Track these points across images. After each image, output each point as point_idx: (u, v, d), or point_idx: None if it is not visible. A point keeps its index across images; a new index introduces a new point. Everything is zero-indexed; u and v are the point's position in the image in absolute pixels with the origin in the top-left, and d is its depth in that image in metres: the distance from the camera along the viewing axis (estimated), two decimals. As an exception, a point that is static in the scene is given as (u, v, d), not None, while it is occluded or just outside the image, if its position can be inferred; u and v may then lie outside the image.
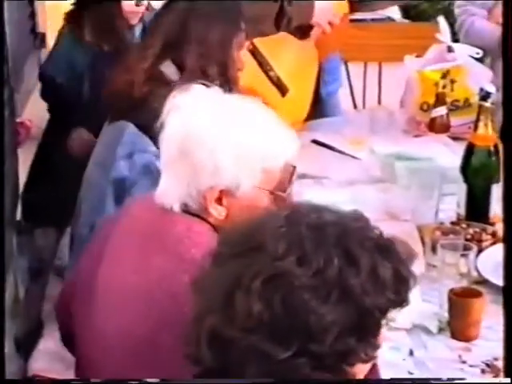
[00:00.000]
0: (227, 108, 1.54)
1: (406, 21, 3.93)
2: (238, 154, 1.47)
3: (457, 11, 2.93)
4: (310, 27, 2.66)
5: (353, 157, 2.54)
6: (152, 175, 1.92)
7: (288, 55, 2.65)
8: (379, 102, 3.53)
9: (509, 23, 1.58)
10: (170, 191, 1.50)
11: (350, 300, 1.07)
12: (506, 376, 1.33)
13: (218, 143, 1.47)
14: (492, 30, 2.81)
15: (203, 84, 1.56)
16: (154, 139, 1.86)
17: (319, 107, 2.86)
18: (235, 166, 1.47)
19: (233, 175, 1.47)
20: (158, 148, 1.57)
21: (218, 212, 1.49)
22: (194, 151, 1.47)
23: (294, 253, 1.08)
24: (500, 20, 2.76)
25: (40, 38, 3.07)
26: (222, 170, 1.46)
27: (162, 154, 1.53)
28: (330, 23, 2.67)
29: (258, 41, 2.57)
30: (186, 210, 1.50)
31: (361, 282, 1.08)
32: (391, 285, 1.10)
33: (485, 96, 2.04)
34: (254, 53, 2.58)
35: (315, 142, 2.64)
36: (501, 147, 2.00)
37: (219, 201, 1.49)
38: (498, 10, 2.80)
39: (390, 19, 3.82)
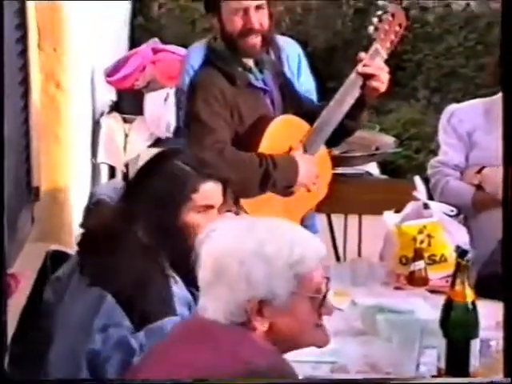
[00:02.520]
0: (251, 225, 1.68)
1: (384, 176, 4.11)
2: (267, 264, 1.58)
3: (430, 172, 3.02)
4: (293, 187, 2.79)
5: (335, 308, 2.61)
6: (124, 351, 1.96)
7: (271, 212, 2.75)
8: (359, 252, 3.64)
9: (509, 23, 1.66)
10: (210, 310, 1.59)
11: None
12: (506, 376, 1.34)
13: (247, 258, 1.60)
14: (466, 189, 2.93)
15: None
16: (130, 309, 1.95)
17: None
18: (267, 276, 1.58)
19: (266, 286, 1.58)
20: None
21: (260, 323, 1.58)
22: (226, 270, 1.59)
23: None
24: (473, 181, 2.91)
25: (34, 192, 3.18)
26: (255, 283, 1.57)
27: (200, 282, 1.64)
28: (314, 186, 2.80)
29: (242, 200, 2.69)
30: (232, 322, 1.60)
31: None
32: None
33: (461, 254, 2.15)
34: (238, 214, 2.68)
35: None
36: (478, 303, 2.11)
37: (260, 312, 1.58)
38: (471, 171, 2.94)
39: (368, 174, 3.98)
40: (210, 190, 2.21)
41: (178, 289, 2.09)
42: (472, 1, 7.00)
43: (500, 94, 2.96)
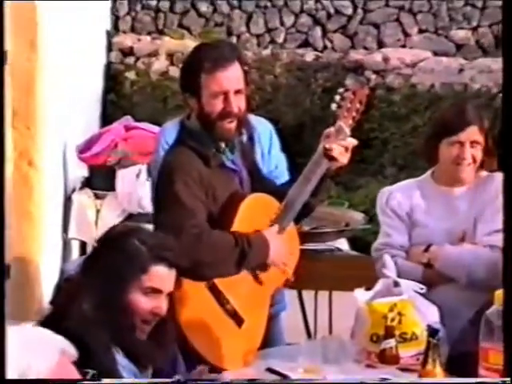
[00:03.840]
0: None
1: (354, 253, 4.15)
2: None
3: (375, 254, 3.00)
4: (265, 265, 2.81)
5: (307, 386, 2.61)
6: None
7: (243, 290, 2.77)
8: (330, 329, 3.66)
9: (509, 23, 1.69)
10: None
11: None
12: (506, 376, 1.33)
13: None
14: (415, 269, 2.93)
15: None
16: None
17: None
18: None
19: None
20: None
21: None
22: None
23: None
24: (421, 259, 2.94)
25: (5, 270, 3.18)
26: None
27: None
28: (284, 264, 2.82)
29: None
30: None
31: None
32: None
33: (432, 333, 2.18)
34: (212, 288, 2.70)
35: (270, 370, 2.73)
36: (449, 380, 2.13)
37: None
38: (417, 250, 2.98)
39: (338, 250, 4.02)
40: (160, 274, 2.23)
41: (122, 359, 2.10)
42: (436, 82, 7.19)
43: (428, 172, 3.04)
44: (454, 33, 8.99)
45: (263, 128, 3.51)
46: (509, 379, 1.35)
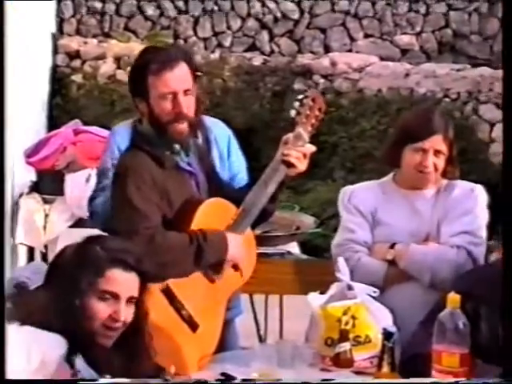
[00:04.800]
0: None
1: (305, 256, 4.17)
2: None
3: (337, 250, 3.01)
4: (222, 265, 2.80)
5: (262, 391, 2.61)
6: None
7: (199, 295, 2.76)
8: (281, 333, 3.65)
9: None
10: None
11: None
12: (506, 375, 1.33)
13: None
14: (378, 265, 2.96)
15: None
16: None
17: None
18: None
19: None
20: None
21: None
22: None
23: None
24: (386, 257, 2.97)
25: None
26: None
27: None
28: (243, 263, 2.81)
29: (170, 281, 2.69)
30: None
31: None
32: None
33: (387, 336, 2.19)
34: (167, 292, 2.69)
35: (224, 374, 2.72)
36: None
37: None
38: (381, 247, 3.00)
39: (289, 253, 4.03)
40: (116, 277, 2.21)
41: (81, 363, 2.09)
42: (383, 87, 7.27)
43: (390, 175, 3.07)
44: (399, 38, 9.10)
45: (220, 131, 3.50)
46: (509, 379, 1.36)
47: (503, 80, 1.66)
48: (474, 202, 2.96)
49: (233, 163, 3.23)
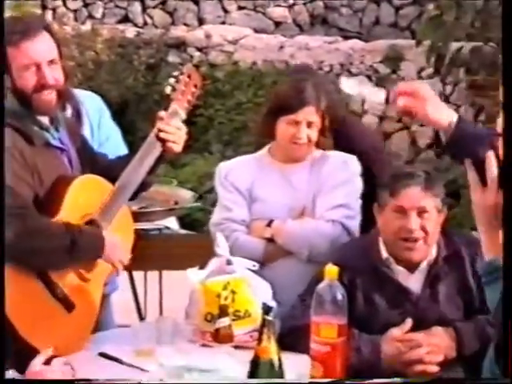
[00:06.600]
0: None
1: (184, 231, 4.14)
2: None
3: (215, 229, 2.99)
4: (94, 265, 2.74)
5: (141, 369, 2.59)
6: None
7: (71, 275, 2.70)
8: (161, 310, 3.64)
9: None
10: None
11: None
12: (506, 376, 1.35)
13: None
14: (257, 243, 2.97)
15: None
16: None
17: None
18: None
19: None
20: None
21: None
22: None
23: None
24: (264, 234, 2.98)
25: None
26: None
27: None
28: (120, 261, 2.75)
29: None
30: None
31: None
32: None
33: (267, 310, 2.20)
34: (41, 273, 2.61)
35: (102, 354, 2.68)
36: (284, 359, 2.17)
37: None
38: (259, 224, 3.00)
39: (167, 229, 4.00)
40: None
41: None
42: (258, 59, 7.30)
43: (266, 148, 3.08)
44: (272, 10, 9.14)
45: (91, 101, 3.42)
46: (509, 379, 1.37)
47: (503, 80, 1.67)
48: (347, 173, 3.00)
49: (103, 130, 3.16)
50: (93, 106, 3.36)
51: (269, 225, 2.97)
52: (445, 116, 2.41)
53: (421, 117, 2.43)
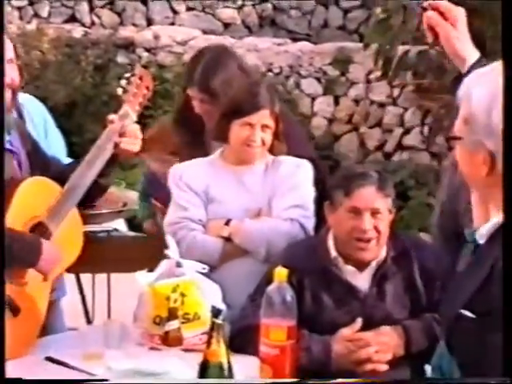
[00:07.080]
0: None
1: (132, 233, 4.11)
2: None
3: (171, 229, 2.96)
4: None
5: (89, 373, 2.56)
6: None
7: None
8: (109, 313, 3.61)
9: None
10: None
11: None
12: (506, 376, 1.34)
13: None
14: (214, 242, 2.96)
15: None
16: None
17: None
18: None
19: None
20: None
21: None
22: None
23: None
24: (222, 233, 2.98)
25: None
26: None
27: None
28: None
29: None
30: None
31: None
32: None
33: (216, 313, 2.20)
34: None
35: (49, 359, 2.65)
36: (233, 361, 2.17)
37: None
38: (216, 223, 2.98)
39: (116, 231, 3.96)
40: None
41: None
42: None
43: (218, 151, 3.07)
44: (221, 11, 9.14)
45: (33, 106, 3.37)
46: (509, 379, 1.36)
47: (503, 81, 1.65)
48: (300, 177, 3.01)
49: (50, 142, 3.12)
50: (36, 111, 3.31)
51: (227, 224, 2.96)
52: (466, 51, 2.31)
53: (443, 39, 2.34)
